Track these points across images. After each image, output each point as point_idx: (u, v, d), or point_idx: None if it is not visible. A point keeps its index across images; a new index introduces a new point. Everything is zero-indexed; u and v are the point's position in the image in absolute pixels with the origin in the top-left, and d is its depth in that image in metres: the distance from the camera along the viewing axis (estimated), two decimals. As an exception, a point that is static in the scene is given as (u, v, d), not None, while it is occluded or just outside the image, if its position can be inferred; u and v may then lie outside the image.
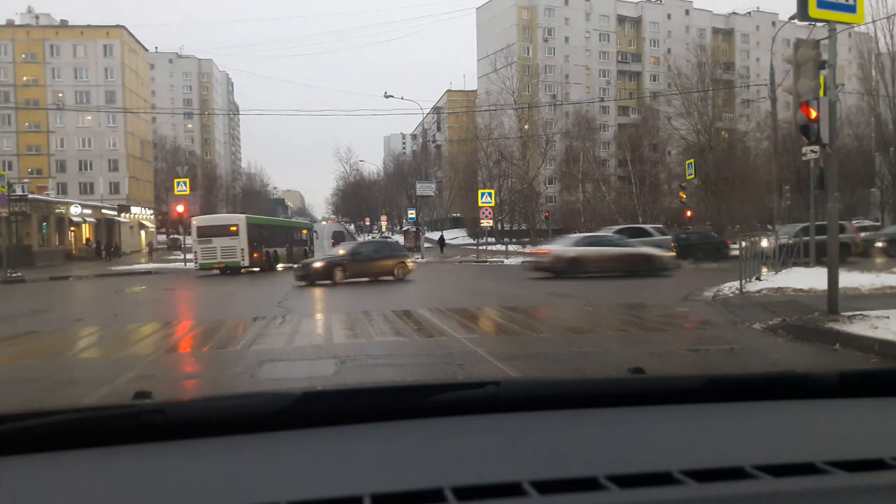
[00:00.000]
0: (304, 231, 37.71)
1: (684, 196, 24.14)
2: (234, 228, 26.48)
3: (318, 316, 11.47)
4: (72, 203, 45.73)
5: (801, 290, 12.02)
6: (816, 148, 14.43)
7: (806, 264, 15.63)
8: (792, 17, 24.12)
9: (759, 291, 12.28)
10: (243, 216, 28.62)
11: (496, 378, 1.34)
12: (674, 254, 20.23)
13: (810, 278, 12.56)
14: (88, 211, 47.55)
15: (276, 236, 30.87)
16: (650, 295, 13.76)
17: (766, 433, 1.07)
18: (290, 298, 14.86)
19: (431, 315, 10.76)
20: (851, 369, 1.71)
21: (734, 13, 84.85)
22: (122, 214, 56.57)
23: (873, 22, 33.66)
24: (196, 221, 27.68)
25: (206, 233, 26.53)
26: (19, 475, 0.92)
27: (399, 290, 16.86)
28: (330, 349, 7.79)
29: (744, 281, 12.78)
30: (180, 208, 31.57)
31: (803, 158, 16.30)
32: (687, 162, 24.02)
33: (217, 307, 14.31)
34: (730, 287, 12.96)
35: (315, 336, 9.04)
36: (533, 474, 0.83)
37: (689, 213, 24.92)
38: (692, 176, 23.14)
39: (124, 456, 0.98)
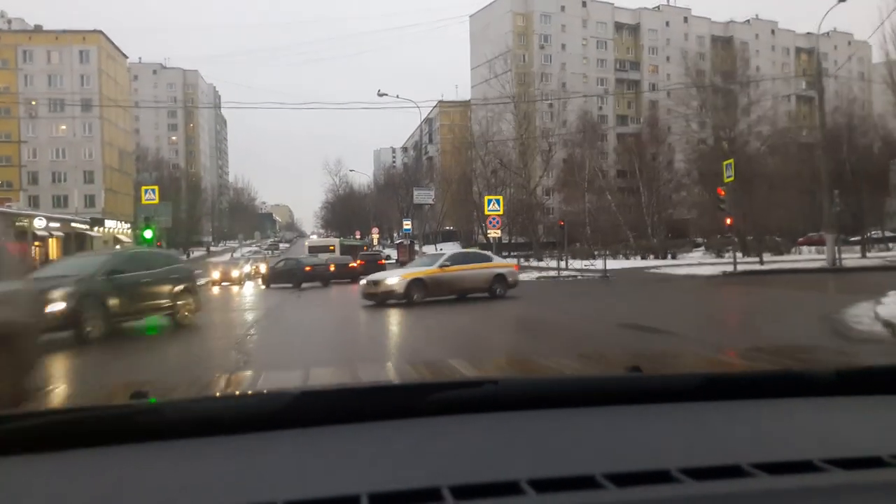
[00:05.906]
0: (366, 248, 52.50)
1: (722, 193, 20.81)
2: (332, 248, 39.73)
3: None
4: (35, 215, 42.28)
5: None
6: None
7: None
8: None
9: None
10: (337, 240, 48.54)
11: (494, 377, 1.28)
12: None
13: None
14: (56, 224, 44.16)
15: (354, 252, 41.06)
16: (771, 328, 9.62)
17: (763, 431, 1.05)
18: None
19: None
20: (849, 367, 1.44)
21: (732, 21, 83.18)
22: (96, 228, 53.13)
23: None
24: (308, 242, 45.20)
25: (314, 250, 38.46)
26: (18, 475, 0.91)
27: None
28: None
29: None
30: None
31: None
32: (725, 163, 20.96)
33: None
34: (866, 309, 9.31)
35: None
36: (531, 473, 0.83)
37: (728, 221, 21.86)
38: (731, 178, 20.17)
39: (121, 456, 0.96)
